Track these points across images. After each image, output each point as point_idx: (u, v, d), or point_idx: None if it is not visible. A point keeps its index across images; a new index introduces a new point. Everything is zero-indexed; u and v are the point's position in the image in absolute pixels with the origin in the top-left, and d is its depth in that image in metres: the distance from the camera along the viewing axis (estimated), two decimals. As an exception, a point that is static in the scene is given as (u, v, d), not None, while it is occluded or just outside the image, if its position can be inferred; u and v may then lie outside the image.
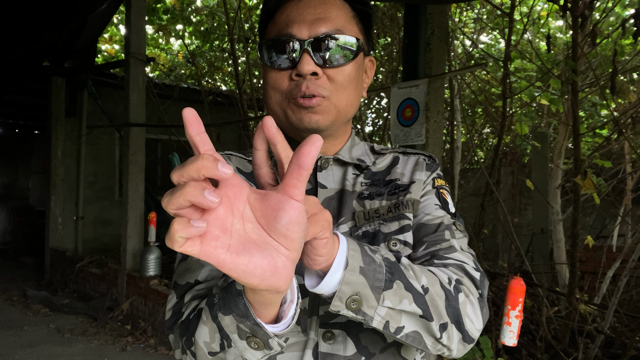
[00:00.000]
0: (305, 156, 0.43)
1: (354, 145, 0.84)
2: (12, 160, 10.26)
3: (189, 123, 0.42)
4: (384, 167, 0.84)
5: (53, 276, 5.97)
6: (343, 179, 0.80)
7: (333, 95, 0.74)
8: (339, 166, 0.82)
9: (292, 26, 0.73)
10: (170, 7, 7.25)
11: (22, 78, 6.22)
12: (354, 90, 0.76)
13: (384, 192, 0.79)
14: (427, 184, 0.82)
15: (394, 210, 0.77)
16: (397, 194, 0.79)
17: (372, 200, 0.78)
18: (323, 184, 0.79)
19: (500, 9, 4.07)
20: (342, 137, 0.82)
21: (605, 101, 4.26)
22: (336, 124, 0.77)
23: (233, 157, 0.83)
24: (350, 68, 0.75)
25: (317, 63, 0.72)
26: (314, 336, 0.71)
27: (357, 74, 0.76)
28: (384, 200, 0.78)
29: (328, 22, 0.73)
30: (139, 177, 4.77)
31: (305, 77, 0.72)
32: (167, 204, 0.41)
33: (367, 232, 0.75)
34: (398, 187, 0.80)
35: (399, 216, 0.77)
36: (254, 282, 0.43)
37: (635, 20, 2.42)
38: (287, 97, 0.74)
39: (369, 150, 0.86)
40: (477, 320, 0.67)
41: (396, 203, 0.78)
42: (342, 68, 0.74)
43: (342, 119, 0.77)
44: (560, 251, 4.09)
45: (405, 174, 0.83)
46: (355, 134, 0.87)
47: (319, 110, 0.73)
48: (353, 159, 0.82)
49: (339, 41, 0.73)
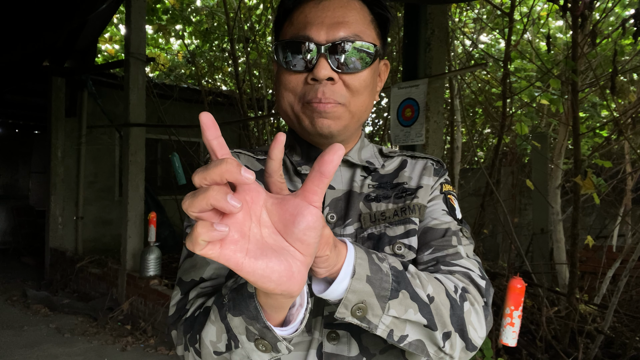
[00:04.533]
0: (328, 164, 0.44)
1: (363, 147, 0.84)
2: (12, 160, 10.26)
3: (206, 127, 0.43)
4: (391, 170, 0.84)
5: (53, 276, 5.97)
6: (351, 181, 0.80)
7: (348, 102, 0.73)
8: (347, 167, 0.81)
9: (310, 29, 0.72)
10: (170, 7, 7.25)
11: (22, 78, 6.22)
12: (368, 96, 0.76)
13: (390, 195, 0.79)
14: (434, 189, 0.82)
15: (400, 214, 0.76)
16: (404, 198, 0.79)
17: (379, 203, 0.78)
18: (331, 185, 0.78)
19: (500, 9, 4.07)
20: (353, 141, 0.82)
21: (605, 101, 4.26)
22: (349, 129, 0.76)
23: (242, 155, 0.83)
24: (367, 74, 0.74)
25: (333, 68, 0.71)
26: (318, 336, 0.71)
27: (372, 79, 0.76)
28: (391, 204, 0.78)
29: (347, 26, 0.72)
30: (139, 177, 4.77)
31: (321, 82, 0.71)
32: (189, 206, 0.41)
33: (372, 234, 0.75)
34: (405, 190, 0.80)
35: (405, 220, 0.76)
36: (270, 286, 0.43)
37: (635, 20, 2.41)
38: (301, 100, 0.73)
39: (377, 153, 0.86)
40: (481, 328, 0.68)
41: (403, 207, 0.77)
42: (358, 74, 0.73)
43: (355, 124, 0.76)
44: (560, 251, 4.08)
45: (412, 177, 0.82)
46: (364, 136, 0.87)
47: (333, 116, 0.72)
48: (362, 161, 0.81)
49: (357, 47, 0.72)
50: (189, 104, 7.31)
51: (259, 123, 6.45)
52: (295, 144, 0.81)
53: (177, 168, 5.01)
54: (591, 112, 4.61)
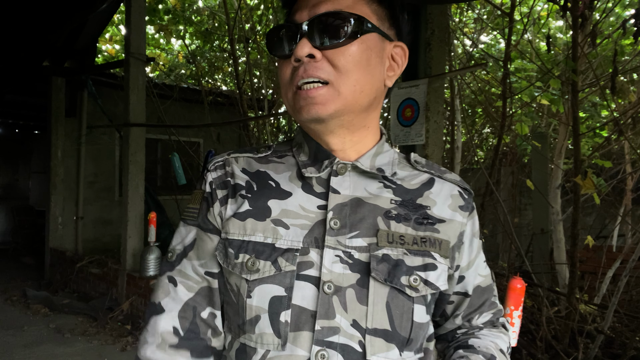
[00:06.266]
0: None
1: (381, 153, 0.76)
2: (12, 160, 10.26)
3: None
4: (417, 185, 0.76)
5: (53, 276, 5.97)
6: (362, 188, 0.73)
7: (335, 80, 0.66)
8: (357, 174, 0.74)
9: (295, 13, 0.69)
10: (171, 7, 7.25)
11: (22, 78, 6.22)
12: (363, 75, 0.68)
13: (411, 218, 0.72)
14: (471, 234, 0.77)
15: (419, 244, 0.70)
16: (425, 226, 0.72)
17: (399, 224, 0.71)
18: (335, 189, 0.72)
19: (500, 9, 4.07)
20: (363, 135, 0.74)
21: (605, 101, 4.26)
22: (344, 113, 0.69)
23: (240, 159, 0.78)
24: (355, 49, 0.67)
25: (315, 45, 0.67)
26: (303, 353, 0.65)
27: (366, 56, 0.68)
28: (410, 228, 0.71)
29: (330, 2, 0.68)
30: (139, 177, 4.77)
31: (303, 61, 0.67)
32: None
33: (388, 256, 0.68)
34: (427, 217, 0.73)
35: (425, 253, 0.70)
36: None
37: (636, 21, 2.41)
38: (291, 87, 0.70)
39: (397, 160, 0.78)
40: None
41: (423, 238, 0.71)
42: (342, 49, 0.66)
43: (351, 107, 0.69)
44: (560, 251, 4.08)
45: (437, 203, 0.75)
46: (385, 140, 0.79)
47: (319, 100, 0.67)
48: (372, 168, 0.74)
49: (338, 18, 0.66)
50: (189, 104, 7.31)
51: (259, 123, 6.46)
52: (303, 142, 0.76)
53: (177, 168, 5.01)
54: (591, 112, 4.61)
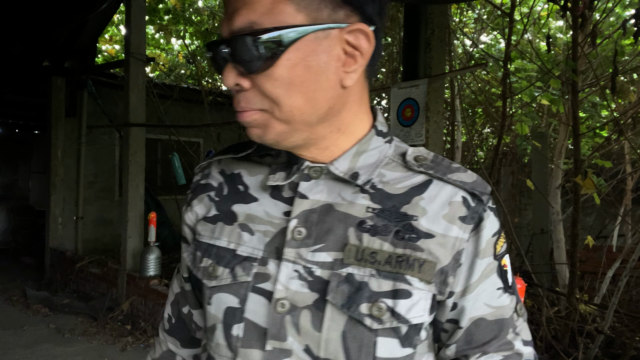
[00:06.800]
0: None
1: (364, 152, 0.61)
2: (12, 160, 10.26)
3: None
4: (403, 190, 0.60)
5: (53, 276, 5.97)
6: (336, 193, 0.60)
7: (271, 108, 0.55)
8: (331, 179, 0.61)
9: (222, 24, 0.56)
10: (171, 7, 7.25)
11: (22, 78, 6.22)
12: (304, 92, 0.55)
13: (391, 230, 0.57)
14: (473, 253, 0.60)
15: (393, 264, 0.56)
16: (405, 241, 0.57)
17: (373, 237, 0.57)
18: (303, 194, 0.60)
19: (500, 9, 4.07)
20: (334, 138, 0.61)
21: (605, 101, 4.27)
22: (291, 135, 0.57)
23: (223, 160, 0.70)
24: (282, 70, 0.53)
25: (239, 72, 0.55)
26: None
27: (302, 69, 0.54)
28: (387, 244, 0.57)
29: (243, 12, 0.53)
30: (139, 177, 4.77)
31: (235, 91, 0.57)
32: None
33: (352, 276, 0.56)
34: (411, 230, 0.58)
35: (397, 276, 0.56)
36: None
37: (636, 21, 2.42)
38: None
39: (388, 159, 0.63)
40: None
41: (400, 256, 0.56)
42: (267, 73, 0.54)
43: (298, 127, 0.57)
44: (560, 251, 4.08)
45: (428, 213, 0.59)
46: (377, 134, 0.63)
47: (258, 124, 0.57)
48: (349, 171, 0.60)
49: (250, 40, 0.52)
50: (189, 104, 7.30)
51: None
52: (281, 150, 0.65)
53: (177, 168, 5.01)
54: (591, 112, 4.61)
